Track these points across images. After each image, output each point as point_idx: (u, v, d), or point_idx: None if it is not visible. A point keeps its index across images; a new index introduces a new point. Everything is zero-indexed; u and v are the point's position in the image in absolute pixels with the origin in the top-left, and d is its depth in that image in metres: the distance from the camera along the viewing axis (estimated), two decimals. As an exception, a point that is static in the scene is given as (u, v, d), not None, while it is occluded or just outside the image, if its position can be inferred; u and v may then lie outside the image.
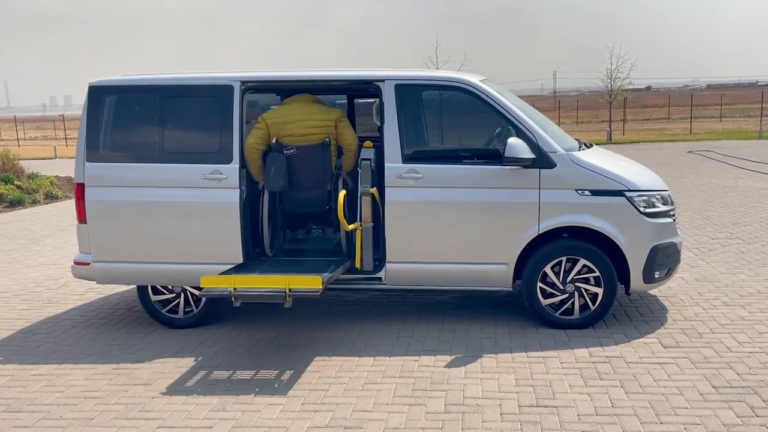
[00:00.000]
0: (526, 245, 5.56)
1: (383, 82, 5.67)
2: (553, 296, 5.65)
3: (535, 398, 4.40)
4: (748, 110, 49.08)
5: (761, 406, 4.19)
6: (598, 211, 5.48)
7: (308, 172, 5.84)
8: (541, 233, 5.53)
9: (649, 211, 5.53)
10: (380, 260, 5.71)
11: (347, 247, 5.87)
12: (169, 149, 5.74)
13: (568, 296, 5.63)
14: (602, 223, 5.48)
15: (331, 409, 4.35)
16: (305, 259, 5.99)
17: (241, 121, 5.67)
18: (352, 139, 5.93)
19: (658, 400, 4.32)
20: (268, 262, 5.92)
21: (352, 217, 5.79)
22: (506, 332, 5.63)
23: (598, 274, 5.56)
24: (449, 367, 4.96)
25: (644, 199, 5.55)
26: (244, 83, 5.71)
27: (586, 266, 5.57)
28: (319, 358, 5.22)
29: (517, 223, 5.54)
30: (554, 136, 5.73)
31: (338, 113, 6.04)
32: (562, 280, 5.61)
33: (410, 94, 5.69)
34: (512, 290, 5.81)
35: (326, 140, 5.85)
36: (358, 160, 5.77)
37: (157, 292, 6.03)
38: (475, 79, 5.80)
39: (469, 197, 5.57)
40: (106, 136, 5.83)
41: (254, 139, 5.77)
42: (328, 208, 6.08)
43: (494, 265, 5.63)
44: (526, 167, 5.45)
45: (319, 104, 6.06)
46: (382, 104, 5.68)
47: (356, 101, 7.39)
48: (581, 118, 46.90)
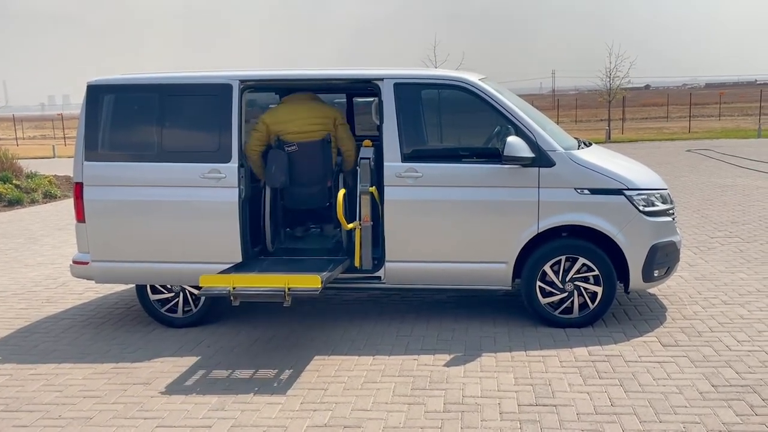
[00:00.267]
0: (525, 244, 5.55)
1: (382, 80, 5.67)
2: (552, 295, 5.64)
3: (534, 397, 4.40)
4: (746, 109, 49.11)
5: (760, 404, 4.19)
6: (597, 209, 5.48)
7: (309, 168, 5.94)
8: (540, 232, 5.53)
9: (648, 209, 5.53)
10: (379, 259, 5.71)
11: (348, 244, 5.88)
12: (167, 148, 5.73)
13: (567, 295, 5.63)
14: (601, 221, 5.48)
15: (330, 408, 4.35)
16: (304, 258, 5.99)
17: (239, 120, 5.66)
18: (350, 142, 6.08)
19: (657, 398, 4.32)
20: (267, 261, 5.91)
21: (351, 216, 5.80)
22: (505, 331, 5.63)
23: (597, 272, 5.56)
24: (448, 366, 4.96)
25: (643, 197, 5.54)
26: (242, 82, 5.70)
27: (585, 265, 5.57)
28: (318, 357, 5.22)
29: (516, 221, 5.54)
30: (553, 134, 5.73)
31: (337, 113, 6.14)
32: (561, 279, 5.61)
33: (409, 92, 5.68)
34: (511, 289, 5.81)
35: (327, 137, 5.96)
36: (357, 159, 5.80)
37: (155, 291, 6.03)
38: (474, 77, 5.79)
39: (468, 196, 5.56)
40: (104, 135, 5.82)
41: (253, 140, 5.90)
42: (328, 204, 6.17)
43: (493, 264, 5.62)
44: (525, 166, 5.45)
45: (318, 102, 6.16)
46: (381, 103, 5.67)
47: (355, 100, 7.39)
48: (580, 116, 46.90)
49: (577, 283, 5.61)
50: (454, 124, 6.27)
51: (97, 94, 5.84)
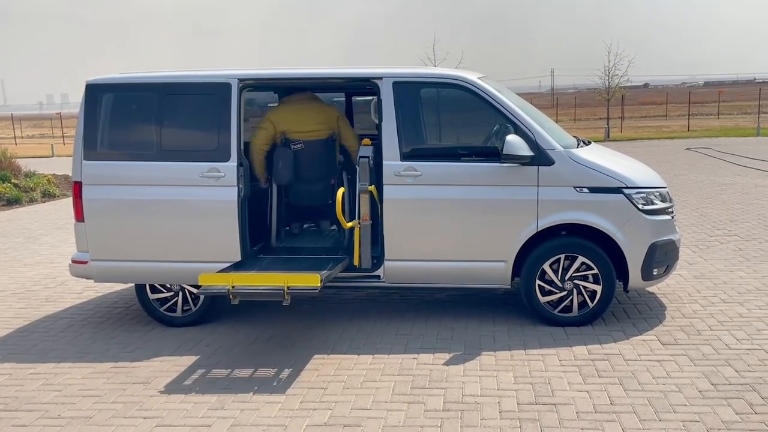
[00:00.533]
0: (524, 243, 5.55)
1: (381, 79, 5.67)
2: (551, 294, 5.64)
3: (534, 396, 4.40)
4: (745, 107, 49.11)
5: (760, 403, 4.19)
6: (596, 208, 5.48)
7: (314, 166, 6.15)
8: (539, 231, 5.52)
9: (647, 208, 5.53)
10: (378, 258, 5.71)
11: (348, 242, 5.92)
12: (166, 147, 5.73)
13: (566, 294, 5.63)
14: (601, 220, 5.48)
15: (329, 407, 4.34)
16: (304, 257, 5.99)
17: (239, 118, 5.65)
18: (353, 138, 6.28)
19: (656, 397, 4.32)
20: (266, 260, 5.92)
21: (351, 214, 5.81)
22: (505, 330, 5.63)
23: (596, 271, 5.55)
24: (448, 364, 4.96)
25: (642, 196, 5.54)
26: (241, 81, 5.70)
27: (584, 263, 5.57)
28: (317, 356, 5.22)
29: (515, 220, 5.53)
30: (552, 133, 5.72)
31: (337, 111, 6.30)
32: (560, 277, 5.61)
33: (408, 91, 5.68)
34: (511, 288, 5.81)
35: (332, 136, 6.17)
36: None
37: (155, 290, 6.02)
38: (473, 76, 5.79)
39: (467, 195, 5.56)
40: (103, 134, 5.81)
41: (261, 138, 6.05)
42: (330, 201, 6.32)
43: (493, 262, 5.62)
44: (524, 164, 5.45)
45: (319, 101, 6.31)
46: (380, 102, 5.67)
47: (354, 99, 7.39)
48: (579, 115, 46.89)
49: (576, 281, 5.61)
50: (453, 122, 6.27)
51: (95, 93, 5.83)
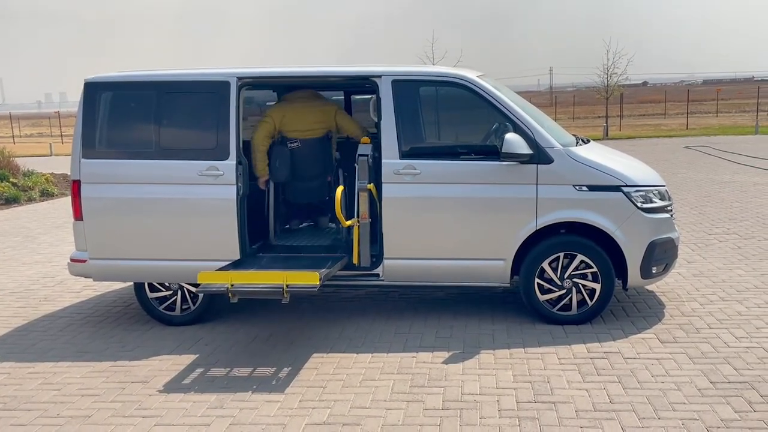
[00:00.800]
0: (523, 241, 5.55)
1: (380, 77, 5.66)
2: (550, 292, 5.64)
3: (533, 394, 4.40)
4: (744, 105, 49.13)
5: (759, 401, 4.20)
6: (595, 206, 5.48)
7: (310, 164, 6.23)
8: (538, 229, 5.52)
9: (646, 206, 5.53)
10: (377, 256, 5.70)
11: (347, 240, 5.93)
12: (165, 146, 5.72)
13: (565, 292, 5.63)
14: (600, 218, 5.48)
15: (329, 405, 4.34)
16: (303, 255, 5.99)
17: (237, 117, 5.65)
18: (355, 128, 6.35)
19: (656, 395, 4.32)
20: (265, 258, 5.91)
21: (350, 213, 5.80)
22: (504, 328, 5.63)
23: (595, 269, 5.55)
24: (447, 363, 4.96)
25: (641, 194, 5.54)
26: (240, 79, 5.69)
27: (583, 262, 5.57)
28: (316, 354, 5.22)
29: (514, 219, 5.53)
30: (551, 131, 5.72)
31: (334, 107, 6.31)
32: (559, 276, 5.61)
33: (407, 89, 5.67)
34: (510, 286, 5.81)
35: (327, 134, 6.23)
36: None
37: (154, 289, 6.01)
38: (472, 74, 5.79)
39: (466, 193, 5.56)
40: (102, 132, 5.80)
41: (262, 134, 6.12)
42: (328, 198, 6.40)
43: (492, 261, 5.62)
44: (523, 163, 5.45)
45: (319, 99, 6.35)
46: (379, 100, 5.67)
47: (353, 97, 7.39)
48: (578, 113, 46.89)
49: (575, 280, 5.61)
50: (452, 121, 6.27)
51: (94, 91, 5.82)
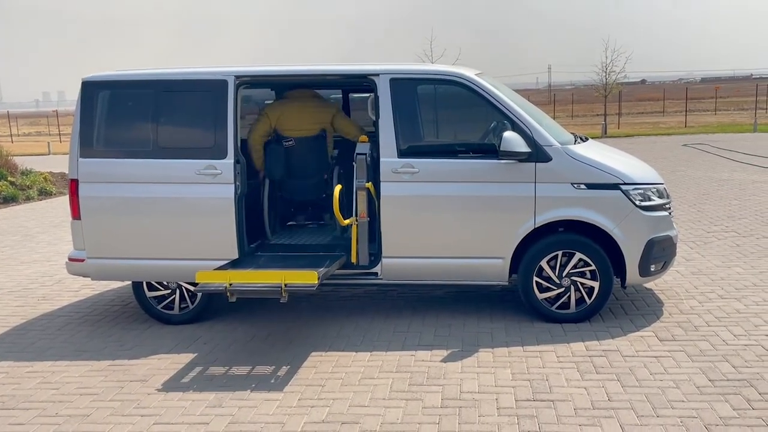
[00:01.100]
0: (522, 239, 5.55)
1: (378, 76, 5.65)
2: (549, 290, 5.65)
3: (531, 392, 4.40)
4: (742, 103, 49.16)
5: (757, 398, 4.20)
6: (593, 204, 5.48)
7: (305, 162, 6.27)
8: (537, 227, 5.52)
9: (644, 204, 5.53)
10: (376, 255, 5.70)
11: (342, 233, 6.10)
12: (163, 145, 5.71)
13: (564, 290, 5.63)
14: (598, 216, 5.48)
15: (327, 404, 4.34)
16: (301, 254, 5.98)
17: (235, 116, 5.64)
18: (352, 129, 6.37)
19: (654, 393, 4.32)
20: (263, 257, 5.91)
21: (347, 210, 5.80)
22: (502, 327, 5.63)
23: (594, 267, 5.56)
24: (446, 361, 4.96)
25: (640, 192, 5.54)
26: (238, 78, 5.68)
27: (582, 260, 5.57)
28: (315, 353, 5.21)
29: (513, 217, 5.53)
30: (550, 129, 5.72)
31: (333, 109, 6.31)
32: (558, 274, 5.61)
33: (405, 88, 5.67)
34: (508, 284, 5.81)
35: (322, 133, 6.25)
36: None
37: (152, 288, 6.01)
38: (470, 72, 5.78)
39: (464, 192, 5.56)
40: (99, 131, 5.79)
41: (258, 131, 6.22)
42: (324, 196, 6.42)
43: (490, 259, 5.62)
44: (521, 161, 5.45)
45: (317, 99, 6.39)
46: (377, 99, 5.66)
47: (351, 96, 7.38)
48: (576, 111, 46.91)
49: (573, 278, 5.61)
50: (450, 119, 6.27)
51: (92, 90, 5.81)
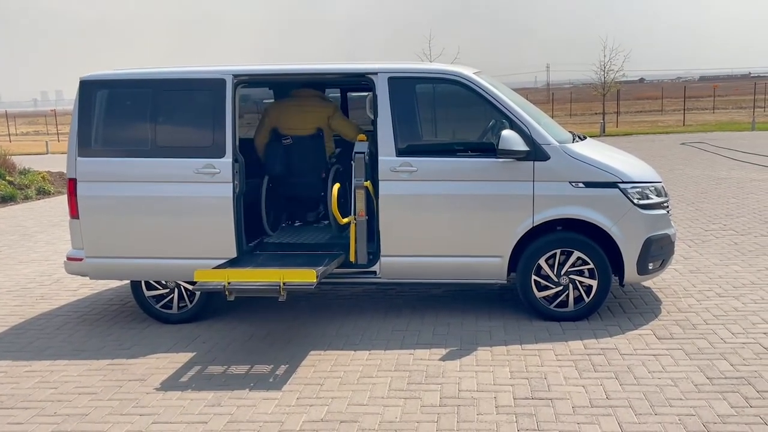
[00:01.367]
0: (520, 238, 5.56)
1: (376, 75, 5.66)
2: (547, 289, 5.65)
3: (530, 391, 4.41)
4: (740, 102, 49.21)
5: (755, 396, 4.21)
6: (592, 203, 5.48)
7: (303, 160, 6.34)
8: (535, 226, 5.53)
9: (642, 202, 5.54)
10: (374, 254, 5.70)
11: (338, 231, 6.13)
12: (161, 144, 5.71)
13: (562, 288, 5.64)
14: (596, 215, 5.48)
15: (326, 403, 4.34)
16: (299, 253, 5.98)
17: (233, 115, 5.64)
18: (349, 130, 6.37)
19: (652, 391, 4.33)
20: (262, 256, 5.91)
21: (345, 209, 5.81)
22: (501, 325, 5.64)
23: (592, 266, 5.56)
24: (444, 360, 4.96)
25: (638, 190, 5.55)
26: (236, 77, 5.68)
27: (580, 258, 5.57)
28: (314, 352, 5.22)
29: (511, 215, 5.53)
30: (548, 128, 5.72)
31: (331, 109, 6.31)
32: (556, 272, 5.62)
33: (403, 87, 5.67)
34: (507, 283, 5.82)
35: (318, 132, 6.28)
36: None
37: (150, 287, 6.01)
38: (468, 71, 5.78)
39: (463, 190, 5.56)
40: (98, 131, 5.79)
41: (260, 131, 6.41)
42: (322, 194, 6.45)
43: (489, 257, 5.62)
44: (520, 160, 5.45)
45: (317, 99, 6.41)
46: (375, 97, 5.66)
47: (349, 95, 7.38)
48: (575, 110, 46.92)
49: (572, 276, 5.62)
50: (448, 118, 6.28)
51: (90, 89, 5.80)
